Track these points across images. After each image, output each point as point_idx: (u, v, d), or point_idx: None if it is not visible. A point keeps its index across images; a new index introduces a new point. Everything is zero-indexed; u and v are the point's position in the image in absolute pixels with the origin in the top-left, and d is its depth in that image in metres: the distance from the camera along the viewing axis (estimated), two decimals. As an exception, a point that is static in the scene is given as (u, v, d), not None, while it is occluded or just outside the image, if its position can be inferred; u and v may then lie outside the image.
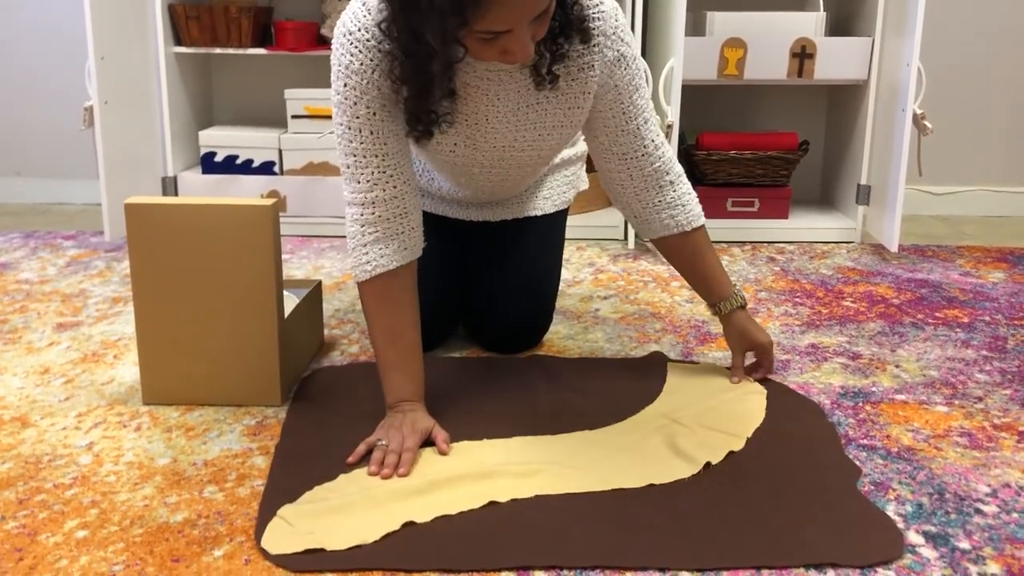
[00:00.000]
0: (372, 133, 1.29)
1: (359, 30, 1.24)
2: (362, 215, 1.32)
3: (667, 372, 1.57)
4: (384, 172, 1.31)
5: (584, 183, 1.78)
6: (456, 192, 1.58)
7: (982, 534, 1.11)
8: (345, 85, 1.27)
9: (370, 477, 1.21)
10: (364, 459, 1.26)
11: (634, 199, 1.48)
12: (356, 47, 1.24)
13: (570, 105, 1.36)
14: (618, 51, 1.35)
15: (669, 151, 1.47)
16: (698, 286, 1.55)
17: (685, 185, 1.49)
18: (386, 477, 1.20)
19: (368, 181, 1.31)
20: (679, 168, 1.49)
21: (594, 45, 1.31)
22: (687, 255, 1.52)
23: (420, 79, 1.19)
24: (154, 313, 1.41)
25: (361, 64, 1.25)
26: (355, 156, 1.30)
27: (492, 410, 1.42)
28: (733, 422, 1.37)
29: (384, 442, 1.26)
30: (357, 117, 1.28)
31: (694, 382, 1.52)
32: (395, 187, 1.32)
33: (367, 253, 1.32)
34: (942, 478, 1.24)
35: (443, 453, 1.26)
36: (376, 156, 1.30)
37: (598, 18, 1.31)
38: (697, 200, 1.50)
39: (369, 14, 1.23)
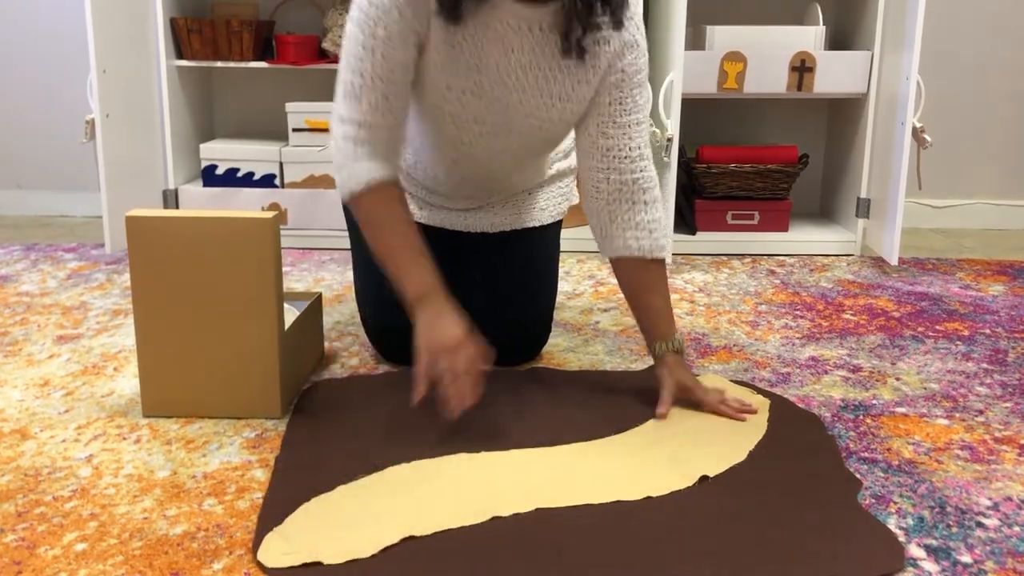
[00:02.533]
0: (384, 57, 1.30)
1: None
2: (357, 134, 1.34)
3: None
4: (387, 99, 1.33)
5: (575, 197, 1.79)
6: (452, 177, 1.57)
7: (984, 548, 1.10)
8: (370, 3, 1.29)
9: (369, 490, 1.20)
10: (366, 471, 1.25)
11: (604, 208, 1.45)
12: None
13: (579, 78, 1.38)
14: (634, 37, 1.39)
15: (653, 171, 1.46)
16: (641, 320, 1.49)
17: (658, 212, 1.46)
18: (470, 408, 1.29)
19: (370, 104, 1.33)
20: (658, 193, 1.47)
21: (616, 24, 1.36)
22: (638, 285, 1.48)
23: None
24: (154, 325, 1.41)
25: None
26: (363, 77, 1.32)
27: (491, 422, 1.41)
28: (734, 435, 1.37)
29: (443, 367, 1.28)
30: (374, 37, 1.29)
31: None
32: (394, 117, 1.35)
33: (359, 165, 1.34)
34: (943, 491, 1.24)
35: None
36: (383, 81, 1.32)
37: (626, 2, 1.35)
38: (665, 233, 1.47)
39: None
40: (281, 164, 2.57)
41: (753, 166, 2.54)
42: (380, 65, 1.31)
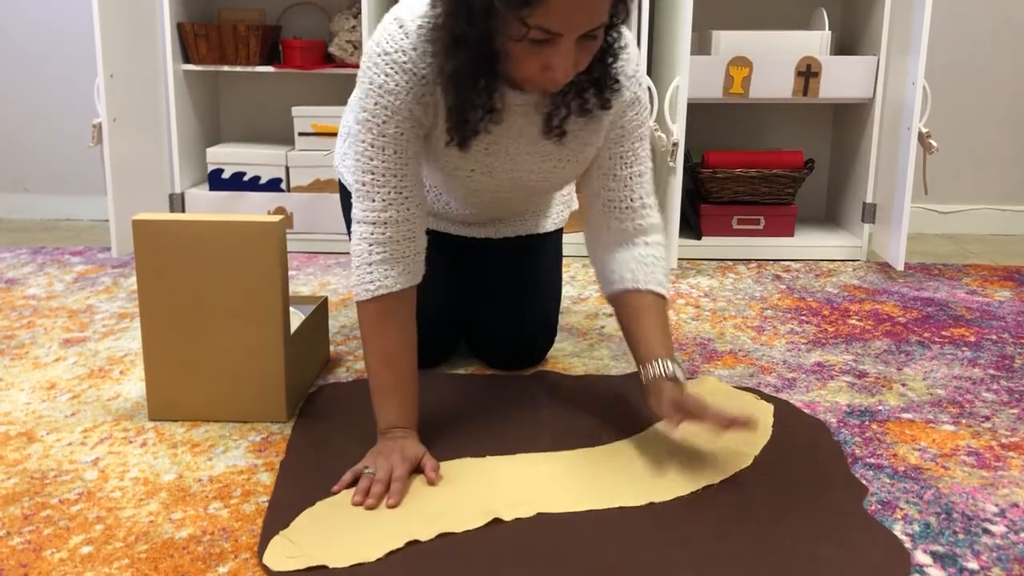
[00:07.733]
0: (395, 153, 1.28)
1: (396, 51, 1.24)
2: (372, 234, 1.31)
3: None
4: (400, 193, 1.30)
5: (575, 204, 1.80)
6: (463, 211, 1.59)
7: (990, 554, 1.10)
8: (376, 104, 1.26)
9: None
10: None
11: (604, 251, 1.44)
12: (392, 68, 1.24)
13: (585, 142, 1.37)
14: (635, 93, 1.36)
15: (656, 215, 1.43)
16: (635, 348, 1.37)
17: (659, 251, 1.42)
18: (370, 507, 1.17)
19: (383, 200, 1.30)
20: (660, 237, 1.43)
21: (614, 93, 1.31)
22: (633, 315, 1.37)
23: (465, 75, 1.20)
24: (160, 329, 1.41)
25: (396, 85, 1.24)
26: (373, 175, 1.29)
27: (496, 427, 1.42)
28: (739, 440, 1.37)
29: (371, 470, 1.22)
30: (383, 136, 1.27)
31: (700, 400, 1.52)
32: (408, 210, 1.31)
33: (371, 272, 1.31)
34: (949, 497, 1.23)
35: (431, 482, 1.23)
36: (395, 176, 1.29)
37: (622, 58, 1.30)
38: (665, 271, 1.41)
39: (407, 37, 1.23)
40: (287, 168, 2.58)
41: (759, 171, 2.54)
42: (392, 160, 1.29)
